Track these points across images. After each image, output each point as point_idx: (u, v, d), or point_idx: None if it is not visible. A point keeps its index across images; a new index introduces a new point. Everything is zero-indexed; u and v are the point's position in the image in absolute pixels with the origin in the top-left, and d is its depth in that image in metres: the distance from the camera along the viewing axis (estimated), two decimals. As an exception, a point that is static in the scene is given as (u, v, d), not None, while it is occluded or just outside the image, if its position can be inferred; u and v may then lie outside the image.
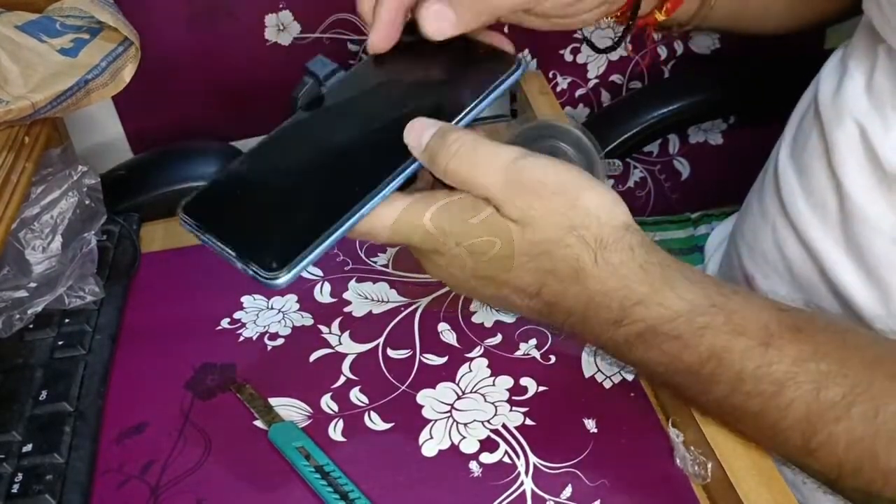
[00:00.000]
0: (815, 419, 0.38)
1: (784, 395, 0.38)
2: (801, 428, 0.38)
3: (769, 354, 0.39)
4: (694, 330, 0.39)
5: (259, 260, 0.40)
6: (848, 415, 0.37)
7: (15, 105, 0.53)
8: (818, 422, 0.38)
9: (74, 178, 0.59)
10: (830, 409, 0.38)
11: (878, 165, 0.47)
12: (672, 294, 0.40)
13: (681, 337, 0.40)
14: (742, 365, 0.39)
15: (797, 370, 0.38)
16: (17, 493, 0.44)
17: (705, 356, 0.39)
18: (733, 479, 0.42)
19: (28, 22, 0.59)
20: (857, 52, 0.51)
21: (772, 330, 0.39)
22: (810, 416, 0.38)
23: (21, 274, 0.55)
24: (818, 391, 0.38)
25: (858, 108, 0.49)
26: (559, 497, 0.44)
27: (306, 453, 0.46)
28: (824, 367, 0.38)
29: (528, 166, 0.41)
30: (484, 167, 0.41)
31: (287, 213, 0.42)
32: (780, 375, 0.38)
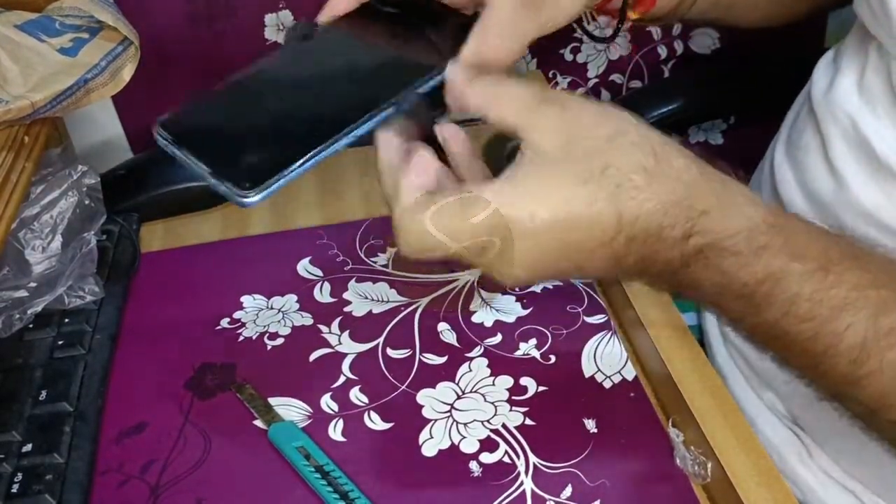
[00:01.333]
0: (870, 345, 0.37)
1: (841, 319, 0.38)
2: (853, 354, 0.38)
3: (828, 279, 0.38)
4: (754, 248, 0.38)
5: (232, 178, 0.40)
6: None
7: (14, 104, 0.53)
8: (873, 348, 0.37)
9: (74, 177, 0.59)
10: (886, 336, 0.37)
11: (872, 157, 0.47)
12: (735, 209, 0.39)
13: (740, 254, 0.38)
14: (799, 287, 0.38)
15: (857, 296, 0.38)
16: (16, 493, 0.44)
17: (762, 275, 0.38)
18: (733, 479, 0.42)
19: (27, 21, 0.59)
20: (849, 50, 0.51)
21: (831, 255, 0.38)
22: (866, 340, 0.37)
23: (21, 274, 0.55)
24: (875, 317, 0.37)
25: (850, 103, 0.49)
26: (559, 497, 0.44)
27: (306, 453, 0.46)
28: (883, 294, 0.38)
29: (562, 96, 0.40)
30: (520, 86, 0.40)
31: (264, 136, 0.43)
32: (839, 300, 0.38)
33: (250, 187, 0.40)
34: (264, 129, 0.43)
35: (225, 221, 0.66)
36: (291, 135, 0.42)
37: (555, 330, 0.53)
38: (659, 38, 0.85)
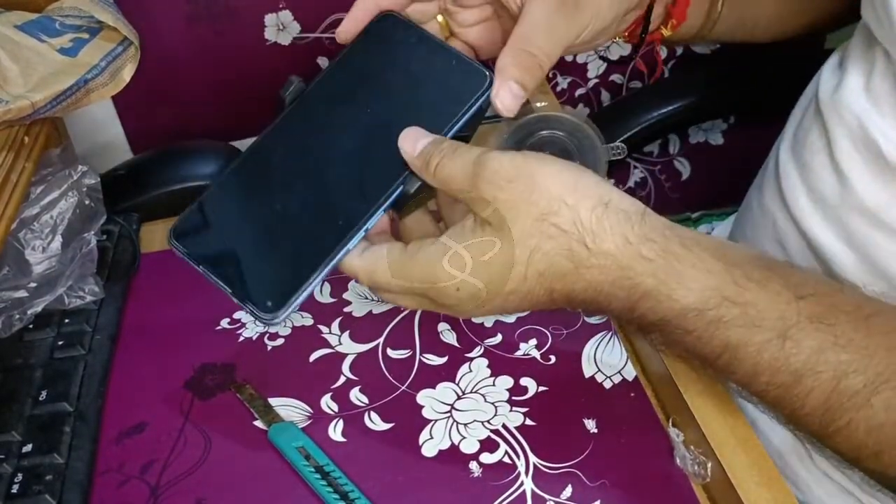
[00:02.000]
0: (834, 407, 0.38)
1: (803, 384, 0.38)
2: (818, 415, 0.38)
3: (787, 347, 0.38)
4: (706, 324, 0.38)
5: (255, 299, 0.41)
6: (869, 403, 0.37)
7: (14, 105, 0.53)
8: (837, 409, 0.37)
9: (74, 178, 0.59)
10: (851, 398, 0.37)
11: (879, 157, 0.47)
12: (680, 287, 0.38)
13: (694, 331, 0.39)
14: (759, 357, 0.38)
15: (816, 360, 0.38)
16: (16, 493, 0.44)
17: (719, 350, 0.39)
18: (733, 479, 0.42)
19: (28, 21, 0.59)
20: (855, 53, 0.51)
21: (790, 320, 0.38)
22: (829, 404, 0.38)
23: (21, 274, 0.55)
24: (838, 381, 0.37)
25: (857, 104, 0.49)
26: (559, 497, 0.44)
27: (306, 453, 0.46)
28: (845, 357, 0.37)
29: (488, 159, 0.40)
30: (459, 167, 0.40)
31: (278, 247, 0.42)
32: (799, 367, 0.38)
33: (273, 308, 0.40)
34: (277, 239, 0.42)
35: (225, 221, 0.66)
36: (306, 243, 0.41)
37: (555, 330, 0.53)
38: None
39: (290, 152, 0.44)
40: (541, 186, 0.39)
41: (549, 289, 0.40)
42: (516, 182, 0.39)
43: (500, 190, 0.39)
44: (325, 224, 0.42)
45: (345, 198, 0.42)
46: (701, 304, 0.38)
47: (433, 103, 0.43)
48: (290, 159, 0.44)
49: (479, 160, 0.40)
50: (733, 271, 0.39)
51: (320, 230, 0.42)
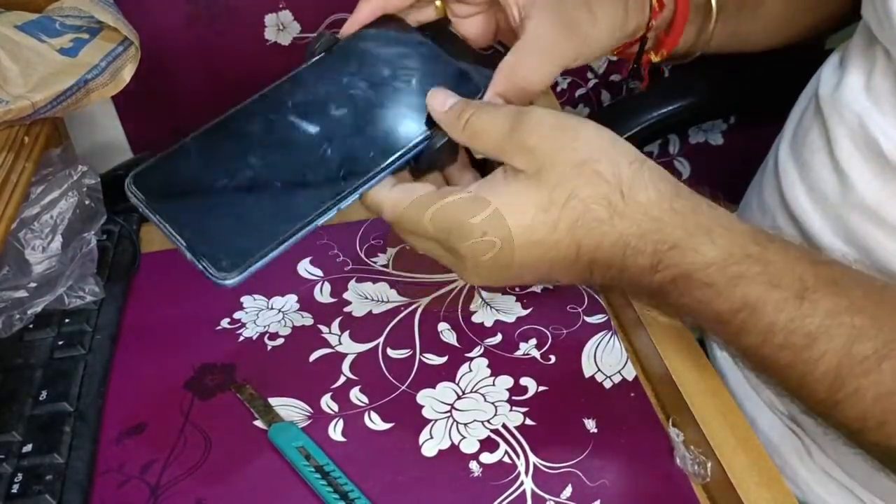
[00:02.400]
0: (844, 372, 0.38)
1: (815, 347, 0.38)
2: (828, 381, 0.38)
3: (803, 307, 0.38)
4: (728, 279, 0.39)
5: (210, 256, 0.38)
6: (878, 368, 0.37)
7: (15, 105, 0.53)
8: (847, 375, 0.38)
9: (74, 178, 0.59)
10: (861, 363, 0.38)
11: (879, 156, 0.47)
12: (706, 240, 0.39)
13: (714, 285, 0.39)
14: (775, 317, 0.39)
15: (830, 323, 0.38)
16: (16, 493, 0.44)
17: (737, 305, 0.39)
18: (733, 479, 0.42)
19: (28, 22, 0.59)
20: (855, 52, 0.51)
21: (807, 282, 0.39)
22: (840, 369, 0.38)
23: (21, 274, 0.55)
24: (850, 345, 0.38)
25: (858, 103, 0.49)
26: (559, 497, 0.44)
27: (306, 453, 0.46)
28: (858, 322, 0.38)
29: (531, 110, 0.41)
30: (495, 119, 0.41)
31: (247, 206, 0.39)
32: (813, 328, 0.38)
33: (229, 268, 0.37)
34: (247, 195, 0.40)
35: (225, 221, 0.66)
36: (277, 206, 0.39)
37: (555, 330, 0.53)
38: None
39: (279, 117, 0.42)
40: (584, 136, 0.40)
41: (577, 242, 0.40)
42: (560, 131, 0.40)
43: (543, 138, 0.40)
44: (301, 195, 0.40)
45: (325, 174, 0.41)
46: (724, 258, 0.39)
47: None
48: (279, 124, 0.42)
49: (521, 111, 0.41)
50: (756, 233, 0.40)
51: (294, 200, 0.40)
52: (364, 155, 0.42)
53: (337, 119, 0.43)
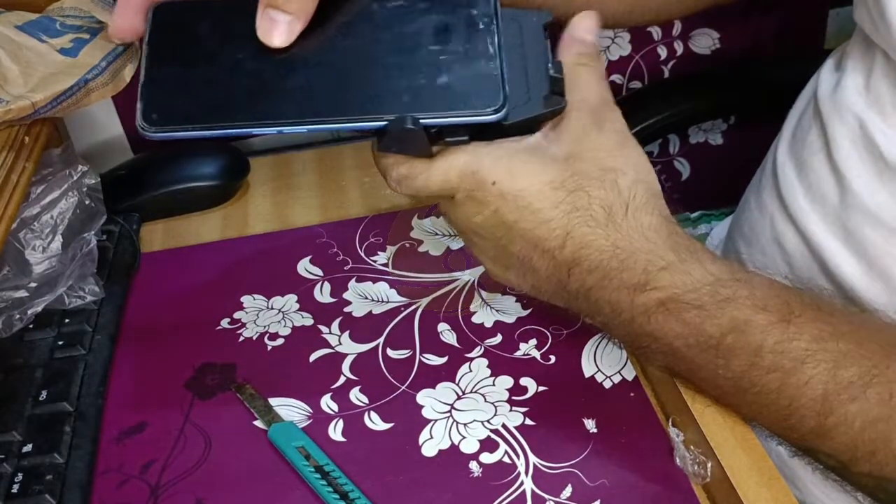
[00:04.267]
0: (831, 398, 0.38)
1: (803, 371, 0.38)
2: (816, 407, 0.38)
3: (790, 330, 0.39)
4: (717, 301, 0.39)
5: (150, 104, 0.38)
6: (864, 395, 0.37)
7: (15, 105, 0.53)
8: (835, 400, 0.38)
9: (74, 177, 0.59)
10: (847, 389, 0.38)
11: (878, 157, 0.47)
12: (697, 265, 0.40)
13: (704, 307, 0.39)
14: (763, 339, 0.39)
15: (816, 347, 0.38)
16: (17, 493, 0.44)
17: (727, 328, 0.39)
18: (733, 479, 0.42)
19: (28, 22, 0.59)
20: (854, 53, 0.51)
21: (793, 307, 0.39)
22: (827, 394, 0.38)
23: (21, 274, 0.55)
24: (836, 370, 0.38)
25: (857, 105, 0.49)
26: (559, 497, 0.44)
27: (306, 453, 0.46)
28: (842, 347, 0.38)
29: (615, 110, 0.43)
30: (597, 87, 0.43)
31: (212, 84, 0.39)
32: (800, 352, 0.38)
33: (153, 123, 0.37)
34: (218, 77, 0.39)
35: (225, 221, 0.66)
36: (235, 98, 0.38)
37: (555, 330, 0.53)
38: (659, 39, 0.85)
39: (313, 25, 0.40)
40: (629, 151, 0.42)
41: (567, 230, 0.41)
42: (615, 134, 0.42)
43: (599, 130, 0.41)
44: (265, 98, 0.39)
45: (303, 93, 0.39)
46: (714, 281, 0.40)
47: None
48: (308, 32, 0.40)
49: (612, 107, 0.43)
50: (741, 264, 0.42)
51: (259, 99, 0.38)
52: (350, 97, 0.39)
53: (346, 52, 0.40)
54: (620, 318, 0.42)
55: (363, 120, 0.39)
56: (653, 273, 0.40)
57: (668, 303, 0.40)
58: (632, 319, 0.41)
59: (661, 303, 0.40)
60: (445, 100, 0.39)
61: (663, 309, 0.40)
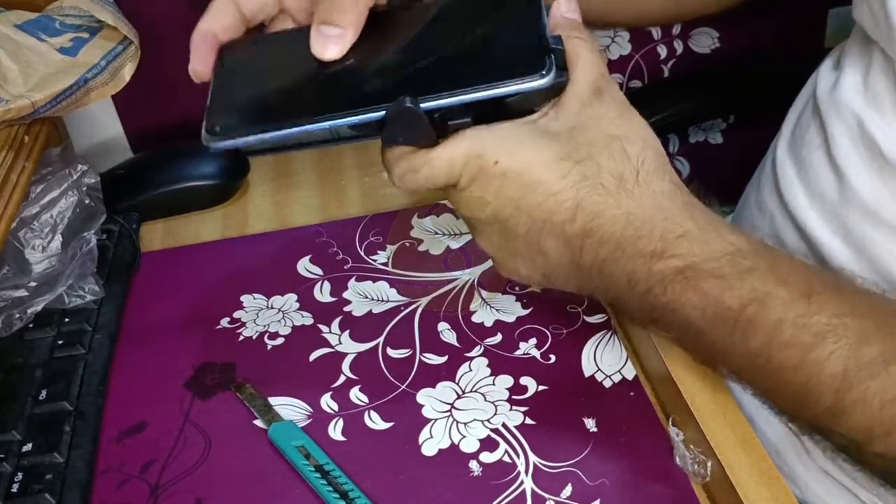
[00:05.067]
0: (851, 374, 0.37)
1: (824, 346, 0.37)
2: (835, 384, 0.38)
3: (811, 306, 0.38)
4: (738, 271, 0.38)
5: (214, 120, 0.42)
6: (886, 372, 0.37)
7: (15, 104, 0.53)
8: (855, 377, 0.37)
9: (74, 177, 0.59)
10: (868, 366, 0.37)
11: (877, 154, 0.47)
12: (716, 234, 0.39)
13: (724, 277, 0.38)
14: (783, 313, 0.38)
15: (837, 323, 0.38)
16: (16, 492, 0.44)
17: (747, 299, 0.38)
18: (733, 479, 0.42)
19: (27, 21, 0.59)
20: (852, 51, 0.51)
21: (813, 284, 0.38)
22: (848, 370, 0.37)
23: (21, 273, 0.55)
24: (858, 345, 0.37)
25: (856, 102, 0.49)
26: (559, 496, 0.44)
27: (306, 452, 0.46)
28: (865, 323, 0.38)
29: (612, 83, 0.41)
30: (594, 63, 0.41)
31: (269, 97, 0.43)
32: (821, 327, 0.38)
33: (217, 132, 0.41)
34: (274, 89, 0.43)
35: (225, 221, 0.66)
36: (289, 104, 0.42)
37: (555, 329, 0.53)
38: (659, 38, 0.85)
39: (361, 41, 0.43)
40: (633, 120, 0.41)
41: (578, 201, 0.39)
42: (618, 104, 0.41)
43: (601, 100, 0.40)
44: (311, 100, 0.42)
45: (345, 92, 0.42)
46: (734, 251, 0.39)
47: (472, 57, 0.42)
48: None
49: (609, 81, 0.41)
50: (761, 239, 0.41)
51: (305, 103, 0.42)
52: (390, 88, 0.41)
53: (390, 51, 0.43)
54: (635, 291, 0.40)
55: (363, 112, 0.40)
56: (670, 240, 0.38)
57: (686, 271, 0.38)
58: (647, 290, 0.40)
59: (680, 271, 0.39)
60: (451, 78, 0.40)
61: (681, 278, 0.39)
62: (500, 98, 0.40)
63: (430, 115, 0.40)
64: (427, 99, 0.39)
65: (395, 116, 0.40)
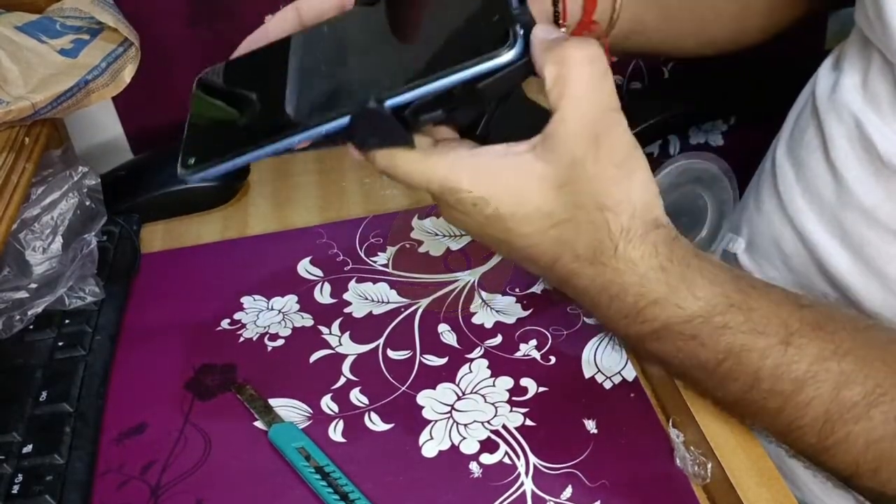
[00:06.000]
0: (834, 418, 0.37)
1: (804, 393, 0.38)
2: (818, 427, 0.38)
3: (789, 353, 0.38)
4: (711, 330, 0.39)
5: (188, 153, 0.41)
6: (868, 415, 0.37)
7: (15, 106, 0.54)
8: (837, 421, 0.37)
9: (75, 178, 0.59)
10: (850, 410, 0.37)
11: (875, 156, 0.47)
12: (689, 295, 0.39)
13: (697, 336, 0.39)
14: (761, 363, 0.38)
15: (817, 369, 0.38)
16: (17, 493, 0.44)
17: (722, 355, 0.39)
18: (733, 479, 0.42)
19: (28, 23, 0.59)
20: (852, 52, 0.51)
21: (792, 327, 0.38)
22: (829, 415, 0.38)
23: (21, 275, 0.55)
24: (838, 390, 0.37)
25: (854, 104, 0.49)
26: (559, 497, 0.44)
27: (306, 454, 0.46)
28: (845, 366, 0.38)
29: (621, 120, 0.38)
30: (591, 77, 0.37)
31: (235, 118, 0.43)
32: (800, 374, 0.38)
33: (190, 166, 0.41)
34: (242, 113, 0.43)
35: (225, 222, 0.66)
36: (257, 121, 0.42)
37: (555, 331, 0.53)
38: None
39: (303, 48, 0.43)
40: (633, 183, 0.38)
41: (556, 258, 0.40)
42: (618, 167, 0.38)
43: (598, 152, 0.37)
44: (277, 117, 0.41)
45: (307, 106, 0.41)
46: (707, 310, 0.39)
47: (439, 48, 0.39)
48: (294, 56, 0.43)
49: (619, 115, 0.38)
50: (738, 280, 0.40)
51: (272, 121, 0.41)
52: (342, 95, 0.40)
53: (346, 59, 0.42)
54: (618, 334, 0.43)
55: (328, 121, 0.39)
56: (642, 307, 0.39)
57: (660, 331, 0.40)
58: (626, 337, 0.42)
59: (654, 331, 0.40)
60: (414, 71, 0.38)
61: (656, 336, 0.40)
62: (469, 84, 0.37)
63: (398, 113, 0.38)
64: (390, 96, 0.37)
65: (361, 120, 0.38)
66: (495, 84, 0.37)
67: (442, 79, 0.37)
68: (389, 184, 0.68)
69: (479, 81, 0.37)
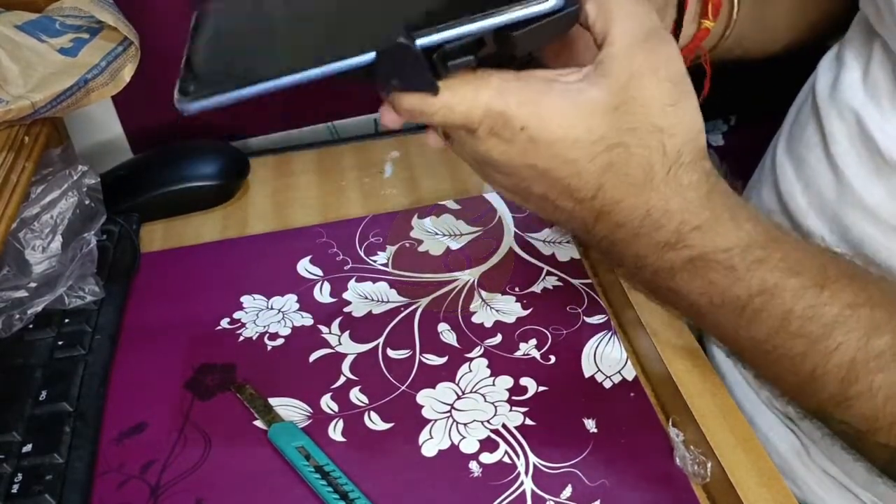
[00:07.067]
0: (859, 366, 0.37)
1: (832, 337, 0.37)
2: (841, 374, 0.37)
3: (823, 296, 0.37)
4: (749, 262, 0.38)
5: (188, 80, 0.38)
6: (892, 366, 0.37)
7: (15, 105, 0.53)
8: (862, 369, 0.37)
9: (74, 177, 0.59)
10: (877, 358, 0.37)
11: (876, 153, 0.47)
12: (732, 224, 0.38)
13: (734, 268, 0.38)
14: (793, 303, 0.38)
15: (849, 314, 0.37)
16: (17, 493, 0.44)
17: (756, 290, 0.38)
18: (733, 479, 0.42)
19: (28, 21, 0.59)
20: (853, 45, 0.51)
21: (828, 272, 0.38)
22: (855, 362, 0.37)
23: (21, 274, 0.55)
24: (868, 337, 0.37)
25: (855, 99, 0.49)
26: (559, 497, 0.44)
27: (306, 453, 0.46)
28: (877, 315, 0.37)
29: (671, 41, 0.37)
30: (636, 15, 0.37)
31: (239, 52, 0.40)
32: (831, 318, 0.37)
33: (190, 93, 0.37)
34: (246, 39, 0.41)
35: (225, 221, 0.66)
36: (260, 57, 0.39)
37: (555, 330, 0.53)
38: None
39: None
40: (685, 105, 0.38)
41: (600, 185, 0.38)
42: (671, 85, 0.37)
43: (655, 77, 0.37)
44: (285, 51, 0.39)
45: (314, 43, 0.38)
46: (748, 242, 0.38)
47: None
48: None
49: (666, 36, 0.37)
50: (779, 224, 0.40)
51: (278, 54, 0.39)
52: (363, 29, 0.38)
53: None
54: (641, 271, 0.40)
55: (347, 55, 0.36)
56: (685, 232, 0.38)
57: (696, 260, 0.38)
58: (654, 273, 0.40)
59: (690, 260, 0.39)
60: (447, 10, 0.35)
61: (690, 266, 0.39)
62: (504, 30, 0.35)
63: (427, 54, 0.36)
64: (422, 34, 0.35)
65: (387, 58, 0.35)
66: (530, 34, 0.36)
67: (480, 20, 0.35)
68: (389, 183, 0.68)
69: (515, 29, 0.36)
